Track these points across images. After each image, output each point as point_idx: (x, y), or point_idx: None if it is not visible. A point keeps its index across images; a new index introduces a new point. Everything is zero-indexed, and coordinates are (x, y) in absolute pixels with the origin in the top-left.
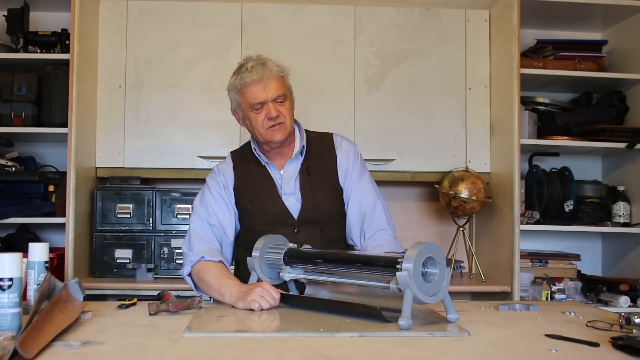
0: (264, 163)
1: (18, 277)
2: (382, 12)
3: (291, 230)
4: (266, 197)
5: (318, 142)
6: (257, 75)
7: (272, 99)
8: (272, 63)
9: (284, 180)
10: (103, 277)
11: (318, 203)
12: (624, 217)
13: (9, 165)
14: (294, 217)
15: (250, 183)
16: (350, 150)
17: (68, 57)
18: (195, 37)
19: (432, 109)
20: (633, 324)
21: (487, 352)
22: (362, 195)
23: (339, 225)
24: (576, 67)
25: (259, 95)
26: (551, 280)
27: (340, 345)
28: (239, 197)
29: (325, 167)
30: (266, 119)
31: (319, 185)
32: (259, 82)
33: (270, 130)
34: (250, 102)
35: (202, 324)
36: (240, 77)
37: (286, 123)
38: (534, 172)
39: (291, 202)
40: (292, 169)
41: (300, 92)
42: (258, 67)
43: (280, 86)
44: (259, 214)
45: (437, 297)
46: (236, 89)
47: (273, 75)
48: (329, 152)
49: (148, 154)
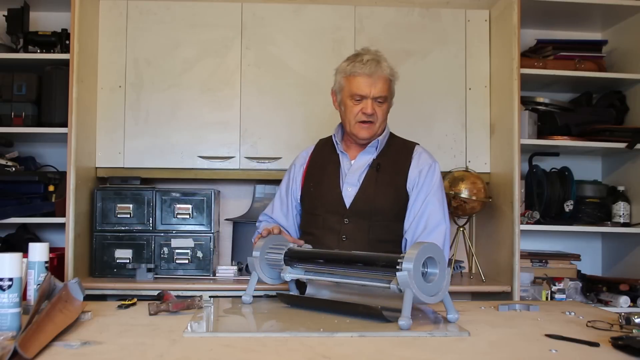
0: (339, 151)
1: (18, 277)
2: (382, 12)
3: (341, 220)
4: (328, 183)
5: (399, 145)
6: (369, 70)
7: (374, 96)
8: (386, 64)
9: (350, 170)
10: (103, 277)
11: (374, 197)
12: (624, 217)
13: (9, 165)
14: (346, 206)
15: (320, 168)
16: (427, 163)
17: (68, 57)
18: (195, 37)
19: (432, 109)
20: (633, 324)
21: (487, 352)
22: (430, 212)
23: (391, 226)
24: (576, 67)
25: (364, 89)
26: (551, 280)
27: (340, 345)
28: (307, 179)
29: (395, 168)
30: (361, 112)
31: (383, 182)
32: (369, 77)
33: (359, 125)
34: (352, 91)
35: (202, 324)
36: (354, 65)
37: (376, 124)
38: (534, 172)
39: (350, 192)
40: (363, 161)
41: (300, 92)
42: (372, 63)
43: (386, 88)
44: (318, 199)
45: (437, 297)
46: (345, 74)
47: (383, 75)
48: (405, 157)
49: (148, 154)
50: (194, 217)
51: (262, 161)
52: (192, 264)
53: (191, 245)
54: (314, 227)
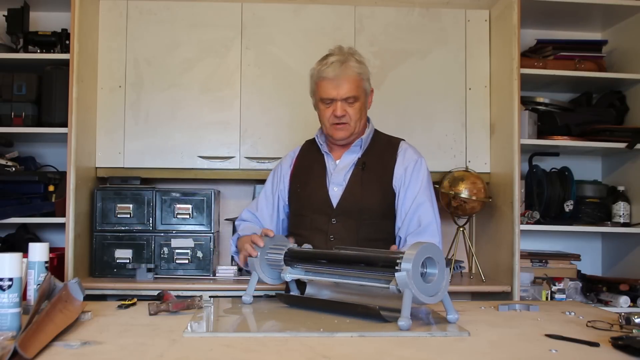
0: (323, 152)
1: (18, 277)
2: (382, 12)
3: (328, 220)
4: (314, 184)
5: (384, 143)
6: (334, 73)
7: (342, 98)
8: (354, 62)
9: (335, 170)
10: (103, 277)
11: (361, 196)
12: (624, 217)
13: (9, 165)
14: (333, 206)
15: (305, 169)
16: (413, 159)
17: (68, 57)
18: (195, 37)
19: (432, 109)
20: (633, 324)
21: (487, 352)
22: (422, 209)
23: (380, 225)
24: (576, 67)
25: (330, 92)
26: (551, 280)
27: (340, 345)
28: (293, 181)
29: (381, 166)
30: (332, 115)
31: (369, 181)
32: (333, 80)
33: (334, 127)
34: (321, 95)
35: (202, 324)
36: (319, 69)
37: (350, 124)
38: (534, 172)
39: (336, 192)
40: (348, 161)
41: (300, 92)
42: (337, 65)
43: (353, 88)
44: (305, 200)
45: (436, 298)
46: (314, 78)
47: (349, 76)
48: (390, 154)
49: (148, 154)
50: (194, 217)
51: (262, 161)
52: (192, 264)
53: (191, 245)
54: (301, 228)
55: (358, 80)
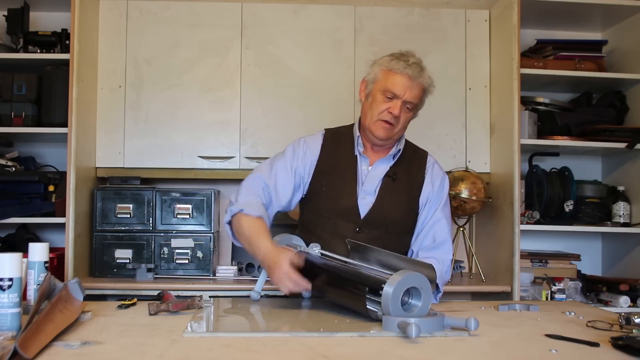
0: (357, 152)
1: (18, 277)
2: (382, 12)
3: (353, 228)
4: (343, 187)
5: (411, 152)
6: (412, 73)
7: (406, 100)
8: (427, 74)
9: (368, 178)
10: (103, 277)
11: (389, 209)
12: (624, 217)
13: (9, 165)
14: (360, 216)
15: (333, 166)
16: (439, 176)
17: (68, 57)
18: (195, 37)
19: (432, 109)
20: (633, 324)
21: (487, 352)
22: (438, 226)
23: (401, 238)
24: (576, 67)
25: (399, 89)
26: (551, 280)
27: (340, 345)
28: (316, 175)
29: (410, 180)
30: (387, 111)
31: (398, 193)
32: (409, 79)
33: (380, 124)
34: (387, 87)
35: (202, 324)
36: (397, 62)
37: (396, 128)
38: (534, 172)
39: (365, 201)
40: (381, 170)
41: (300, 92)
42: (417, 68)
43: (419, 97)
44: (332, 202)
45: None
46: (384, 68)
47: (422, 84)
48: (418, 168)
49: (148, 154)
50: (194, 217)
51: (262, 161)
52: (192, 264)
53: (191, 245)
54: (324, 230)
55: (424, 93)
